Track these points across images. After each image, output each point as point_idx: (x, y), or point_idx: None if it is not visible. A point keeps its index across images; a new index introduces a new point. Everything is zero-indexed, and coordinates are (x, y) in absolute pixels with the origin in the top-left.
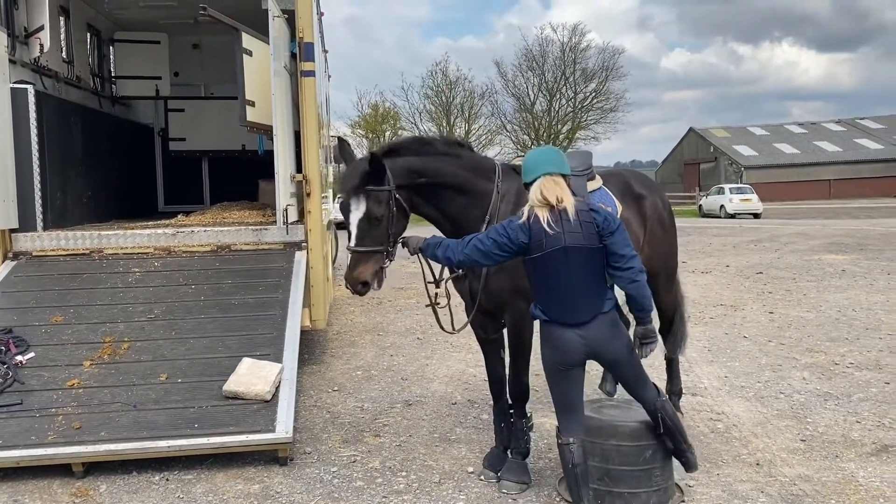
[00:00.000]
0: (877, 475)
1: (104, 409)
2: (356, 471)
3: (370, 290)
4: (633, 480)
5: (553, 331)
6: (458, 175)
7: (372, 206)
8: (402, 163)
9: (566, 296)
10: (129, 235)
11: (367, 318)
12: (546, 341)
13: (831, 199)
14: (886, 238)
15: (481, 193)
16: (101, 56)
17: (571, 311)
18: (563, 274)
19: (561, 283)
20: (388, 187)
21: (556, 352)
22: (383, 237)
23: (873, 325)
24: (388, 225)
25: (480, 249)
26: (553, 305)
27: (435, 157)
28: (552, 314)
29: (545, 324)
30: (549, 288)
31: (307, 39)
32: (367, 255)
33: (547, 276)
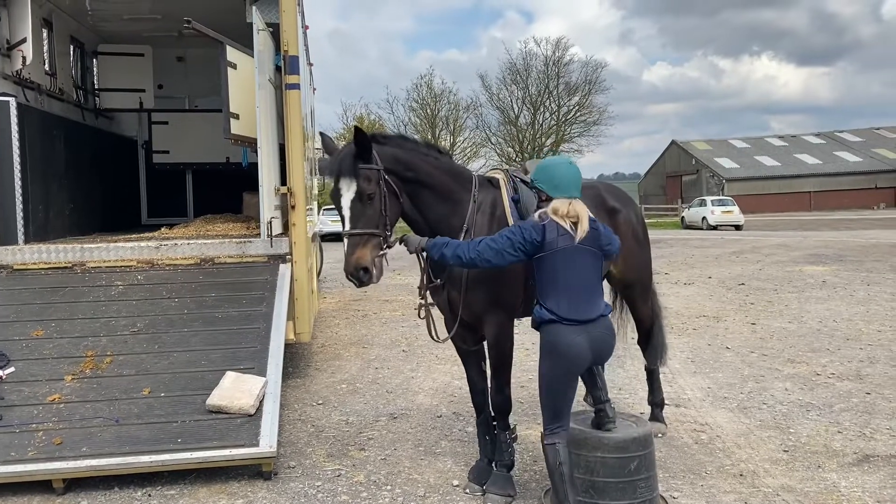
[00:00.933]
0: (858, 485)
1: (86, 424)
2: (341, 485)
3: (374, 281)
4: (617, 492)
5: (561, 338)
6: (439, 177)
7: (363, 184)
8: (389, 151)
9: (575, 292)
10: (111, 248)
11: (351, 330)
12: (554, 352)
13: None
14: (866, 249)
15: (459, 202)
16: (84, 68)
17: (578, 308)
18: (571, 271)
19: (570, 279)
20: (376, 166)
21: (563, 359)
22: (378, 218)
23: (854, 335)
24: (381, 206)
25: (493, 248)
26: (561, 302)
27: (418, 155)
28: (560, 311)
29: (551, 330)
30: (559, 285)
31: (292, 52)
32: (363, 239)
33: (557, 273)
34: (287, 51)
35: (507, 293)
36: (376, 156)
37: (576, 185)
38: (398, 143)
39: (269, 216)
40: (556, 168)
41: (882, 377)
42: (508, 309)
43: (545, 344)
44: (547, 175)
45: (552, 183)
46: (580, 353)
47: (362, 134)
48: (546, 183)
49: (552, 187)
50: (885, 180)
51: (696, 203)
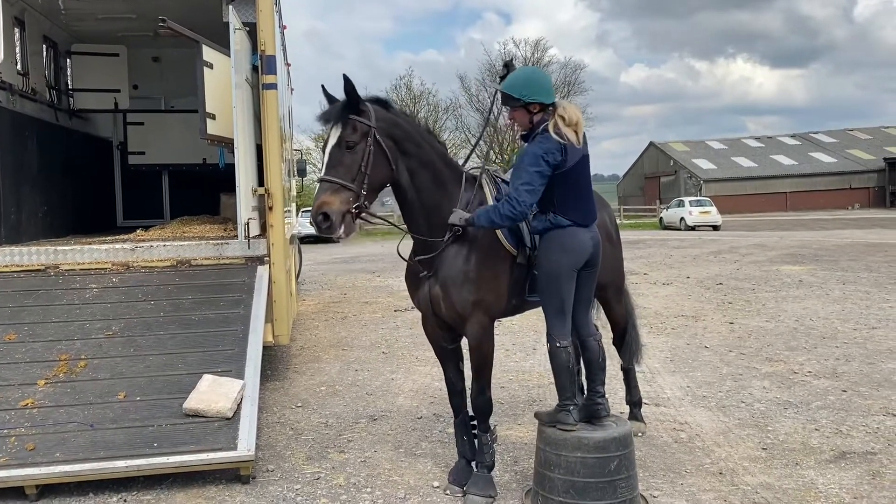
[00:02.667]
0: (835, 482)
1: (59, 430)
2: (320, 488)
3: (335, 232)
4: (597, 492)
5: (570, 234)
6: (437, 161)
7: (346, 132)
8: (392, 117)
9: (586, 200)
10: (86, 251)
11: (331, 332)
12: (562, 247)
13: (788, 211)
14: (841, 249)
15: (451, 195)
16: (57, 68)
17: (588, 213)
18: (583, 180)
19: (582, 188)
20: (367, 121)
21: (572, 254)
22: (354, 172)
23: (830, 333)
24: (362, 161)
25: (530, 190)
26: (577, 210)
27: (420, 132)
28: (575, 217)
29: (562, 230)
30: (576, 195)
31: (269, 52)
32: (333, 187)
33: (573, 184)
34: (264, 50)
35: (491, 294)
36: (372, 113)
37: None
38: (402, 114)
39: (247, 217)
40: (536, 74)
41: (858, 375)
42: (491, 311)
43: (556, 242)
44: (536, 84)
45: (544, 89)
46: (585, 249)
47: (351, 85)
48: (539, 92)
49: (546, 93)
50: (859, 181)
51: (675, 204)
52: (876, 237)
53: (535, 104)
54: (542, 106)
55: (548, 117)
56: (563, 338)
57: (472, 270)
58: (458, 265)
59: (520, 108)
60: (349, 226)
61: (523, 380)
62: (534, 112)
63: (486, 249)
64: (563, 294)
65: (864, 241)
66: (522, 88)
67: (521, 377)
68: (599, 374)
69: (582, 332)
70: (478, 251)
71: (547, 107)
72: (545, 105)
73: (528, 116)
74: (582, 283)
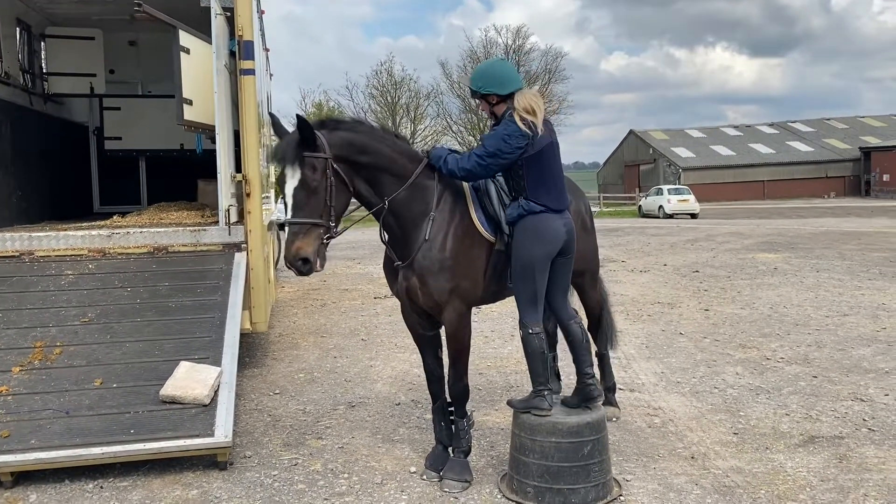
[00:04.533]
0: (804, 465)
1: (34, 417)
2: (297, 474)
3: (315, 271)
4: (571, 476)
5: (543, 222)
6: (398, 161)
7: (307, 172)
8: (342, 135)
9: (557, 184)
10: (61, 237)
11: (310, 320)
12: (536, 235)
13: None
14: (816, 237)
15: (421, 187)
16: (31, 52)
17: (560, 198)
18: (553, 165)
19: (553, 173)
20: (323, 154)
21: (546, 243)
22: (321, 209)
23: (802, 320)
24: (326, 195)
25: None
26: (549, 194)
27: (374, 138)
28: (547, 202)
29: (540, 218)
30: (545, 179)
31: (247, 37)
32: (304, 228)
33: (543, 168)
34: (242, 35)
35: (468, 282)
36: (324, 143)
37: (517, 76)
38: (352, 126)
39: (227, 204)
40: (493, 66)
41: (828, 361)
42: (469, 298)
43: (530, 231)
44: (490, 76)
45: (499, 80)
46: (559, 238)
47: (304, 122)
48: (493, 84)
49: (500, 85)
50: (835, 170)
51: (653, 192)
52: (850, 225)
53: (491, 95)
54: (500, 97)
55: (511, 106)
56: (536, 324)
57: (448, 258)
58: (433, 253)
59: (480, 98)
60: (323, 257)
61: (501, 366)
62: (493, 103)
63: (462, 237)
64: (537, 283)
65: (838, 229)
66: (478, 81)
67: (498, 363)
68: (586, 356)
69: (562, 316)
70: (454, 238)
71: (505, 97)
72: (502, 96)
73: (489, 107)
74: (558, 271)
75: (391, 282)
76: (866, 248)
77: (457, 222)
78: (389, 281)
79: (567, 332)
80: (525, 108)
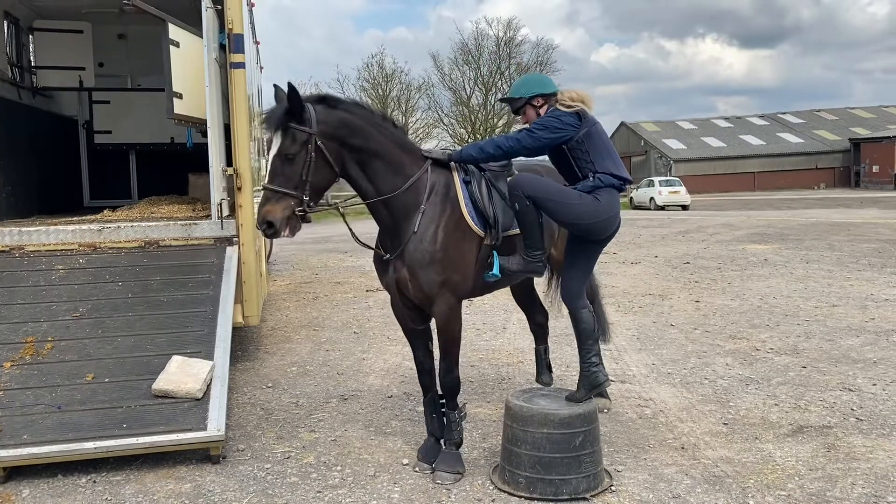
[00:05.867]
0: (792, 454)
1: (26, 412)
2: (290, 467)
3: (280, 236)
4: (563, 467)
5: (614, 198)
6: (391, 149)
7: (286, 142)
8: (337, 114)
9: (617, 158)
10: (51, 231)
11: (302, 313)
12: (602, 210)
13: (755, 191)
14: (805, 228)
15: (413, 179)
16: (20, 45)
17: (623, 170)
18: (608, 142)
19: (610, 148)
20: (308, 129)
21: (610, 221)
22: (297, 181)
23: (792, 311)
24: (303, 169)
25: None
26: (616, 165)
27: (370, 123)
28: (615, 171)
29: (611, 192)
30: (610, 151)
31: (237, 31)
32: (276, 196)
33: (601, 144)
34: (231, 29)
35: (458, 276)
36: (312, 117)
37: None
38: (349, 108)
39: (220, 198)
40: (531, 75)
41: (817, 351)
42: (459, 291)
43: (597, 209)
44: (531, 81)
45: (541, 83)
46: (618, 215)
47: (294, 92)
48: (536, 86)
49: (543, 86)
50: (825, 161)
51: (645, 184)
52: (840, 216)
53: (536, 97)
54: (545, 98)
55: (553, 102)
56: (585, 299)
57: (438, 251)
58: (424, 245)
59: (526, 107)
60: (294, 226)
61: (493, 358)
62: (538, 106)
63: (452, 230)
64: (590, 263)
65: (828, 220)
66: (521, 88)
67: (490, 356)
68: (594, 346)
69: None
70: (444, 231)
71: (549, 97)
72: (547, 95)
73: (535, 111)
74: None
75: (381, 275)
76: (855, 239)
77: (447, 216)
78: (379, 274)
79: (576, 319)
80: (570, 97)
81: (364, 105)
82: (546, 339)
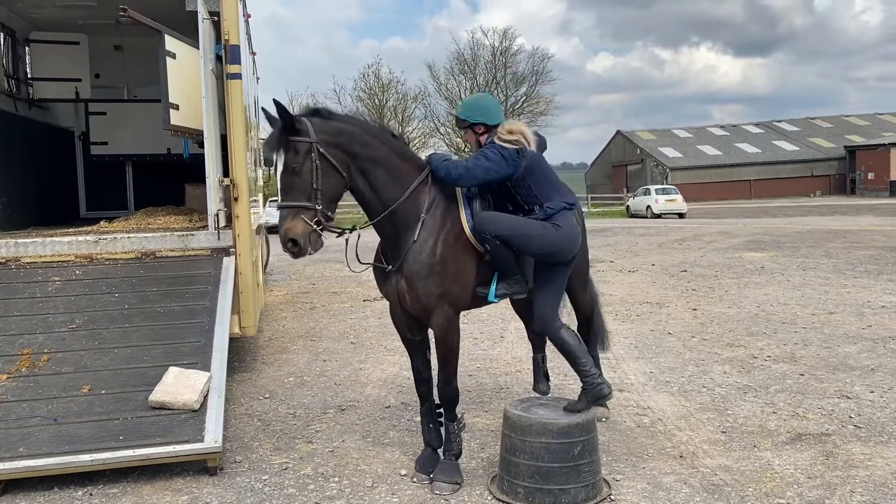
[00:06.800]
0: (791, 462)
1: (22, 424)
2: (288, 478)
3: (305, 253)
4: (561, 477)
5: (571, 220)
6: (391, 159)
7: (289, 156)
8: (334, 124)
9: (558, 184)
10: (47, 243)
11: (299, 323)
12: (568, 236)
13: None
14: (802, 236)
15: (414, 190)
16: (16, 57)
17: (567, 193)
18: (548, 171)
19: (553, 176)
20: (307, 139)
21: (574, 241)
22: (308, 191)
23: (789, 319)
24: (312, 178)
25: (476, 171)
26: (559, 192)
27: (367, 133)
28: (568, 199)
29: (565, 214)
30: (551, 181)
31: (233, 42)
32: (293, 212)
33: (545, 173)
34: (228, 40)
35: (457, 288)
36: (310, 128)
37: (501, 110)
38: (345, 119)
39: (216, 208)
40: (485, 100)
41: (815, 359)
42: (457, 304)
43: (557, 230)
44: (479, 107)
45: (489, 112)
46: (578, 234)
47: (281, 108)
48: (484, 115)
49: (488, 115)
50: (820, 168)
51: (641, 192)
52: (836, 224)
53: (479, 125)
54: (487, 127)
55: (493, 134)
56: (559, 319)
57: (437, 263)
58: (422, 258)
59: (467, 128)
60: (316, 243)
61: (491, 368)
62: (479, 133)
63: (452, 242)
64: (560, 284)
65: (824, 227)
66: (468, 111)
67: (488, 365)
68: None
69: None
70: (443, 244)
71: (492, 128)
72: (489, 126)
73: (475, 136)
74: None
75: (381, 284)
76: (852, 247)
77: (447, 228)
78: (379, 283)
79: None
80: (509, 130)
81: (359, 117)
82: (544, 347)
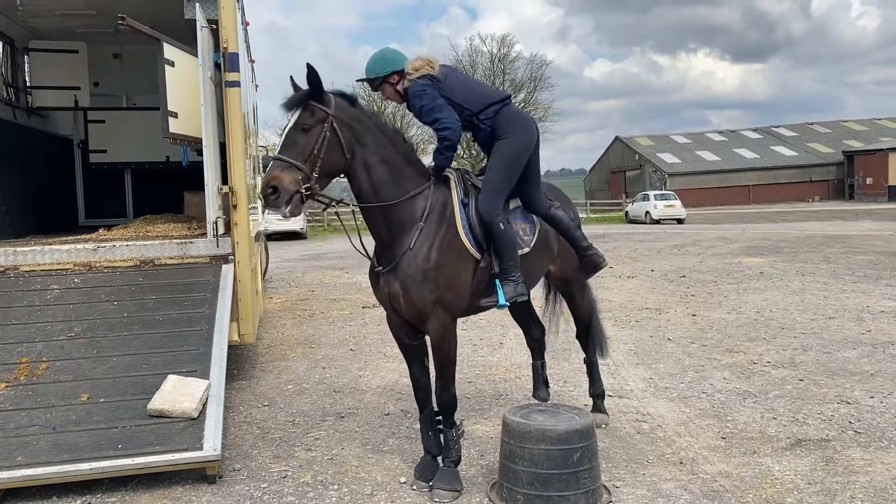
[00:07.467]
0: (791, 468)
1: (21, 433)
2: (287, 486)
3: (281, 205)
4: (561, 483)
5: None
6: (398, 161)
7: (304, 114)
8: (355, 111)
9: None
10: (46, 251)
11: (298, 330)
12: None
13: (750, 204)
14: (801, 241)
15: (415, 194)
16: (15, 65)
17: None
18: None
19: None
20: (327, 109)
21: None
22: (307, 154)
23: (788, 324)
24: (317, 144)
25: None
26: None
27: (381, 129)
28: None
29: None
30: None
31: (231, 49)
32: (285, 165)
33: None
34: (226, 48)
35: (452, 294)
36: (333, 102)
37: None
38: (367, 111)
39: (215, 216)
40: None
41: (814, 364)
42: (453, 310)
43: (518, 121)
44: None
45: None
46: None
47: (313, 71)
48: (391, 64)
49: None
50: (819, 174)
51: (640, 198)
52: (834, 229)
53: (392, 75)
54: (399, 74)
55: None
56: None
57: (431, 269)
58: (418, 263)
59: (383, 85)
60: (296, 206)
61: (490, 374)
62: (395, 83)
63: (447, 249)
64: (514, 173)
65: (823, 232)
66: (375, 68)
67: (487, 372)
68: (578, 233)
69: (542, 208)
70: (439, 250)
71: (402, 73)
72: (400, 73)
73: (392, 88)
74: (533, 166)
75: (375, 289)
76: (850, 252)
77: (443, 234)
78: (374, 289)
79: (553, 220)
80: (414, 68)
81: (379, 114)
82: (543, 354)
